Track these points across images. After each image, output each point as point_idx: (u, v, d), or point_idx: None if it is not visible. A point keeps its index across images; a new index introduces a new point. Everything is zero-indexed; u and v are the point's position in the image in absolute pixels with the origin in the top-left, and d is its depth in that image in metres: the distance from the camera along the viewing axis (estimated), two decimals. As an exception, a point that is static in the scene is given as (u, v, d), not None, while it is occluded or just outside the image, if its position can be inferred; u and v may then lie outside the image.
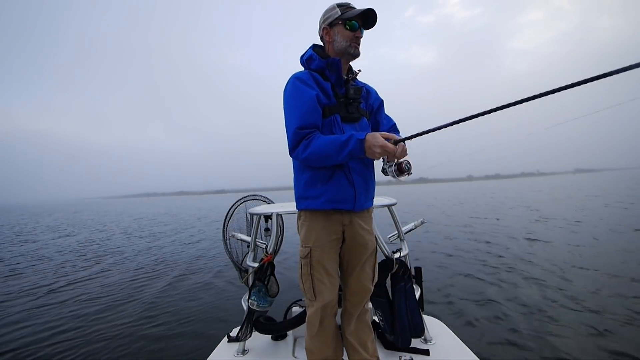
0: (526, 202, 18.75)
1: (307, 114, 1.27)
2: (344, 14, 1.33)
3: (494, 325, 3.10)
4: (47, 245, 10.64)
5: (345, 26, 1.34)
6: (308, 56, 1.41)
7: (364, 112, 1.44)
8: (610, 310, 3.24)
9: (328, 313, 1.40)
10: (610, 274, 4.39)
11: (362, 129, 1.40)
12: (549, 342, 2.72)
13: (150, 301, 4.53)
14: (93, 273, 6.35)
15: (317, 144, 1.23)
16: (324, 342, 1.43)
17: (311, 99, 1.28)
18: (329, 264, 1.38)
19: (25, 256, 8.62)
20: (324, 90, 1.34)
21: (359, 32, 1.36)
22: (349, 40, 1.35)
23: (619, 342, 2.63)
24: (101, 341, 3.30)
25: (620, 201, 15.05)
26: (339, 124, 1.33)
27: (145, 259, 7.60)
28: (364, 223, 1.45)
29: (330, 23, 1.36)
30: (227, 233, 2.29)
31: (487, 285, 4.22)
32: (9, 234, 14.62)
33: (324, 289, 1.37)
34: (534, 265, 5.04)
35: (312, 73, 1.36)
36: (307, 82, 1.32)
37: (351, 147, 1.18)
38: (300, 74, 1.36)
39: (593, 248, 6.08)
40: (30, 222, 22.08)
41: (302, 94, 1.29)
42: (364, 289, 1.47)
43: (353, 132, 1.24)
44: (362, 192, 1.37)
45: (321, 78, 1.36)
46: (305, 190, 1.37)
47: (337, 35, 1.36)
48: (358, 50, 1.37)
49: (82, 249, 9.53)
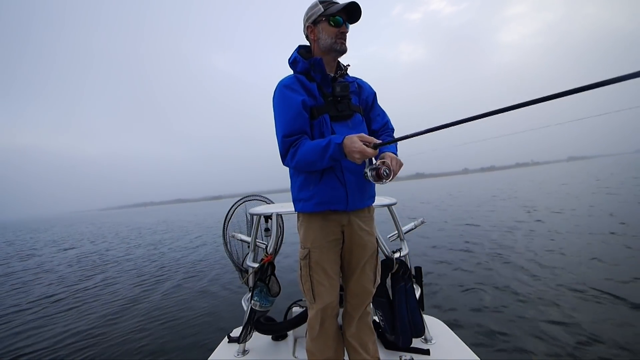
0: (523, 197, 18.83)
1: (292, 121, 1.27)
2: (327, 10, 1.29)
3: (493, 322, 3.10)
4: (51, 259, 10.47)
5: (329, 22, 1.30)
6: (292, 59, 1.39)
7: (356, 108, 1.39)
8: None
9: (328, 315, 1.39)
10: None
11: (354, 126, 1.36)
12: (548, 342, 2.72)
13: (150, 303, 4.51)
14: (96, 282, 6.32)
15: (302, 151, 1.24)
16: (325, 344, 1.42)
17: (296, 104, 1.27)
18: (328, 265, 1.36)
19: (28, 270, 8.55)
20: (310, 91, 1.33)
21: (344, 28, 1.32)
22: (334, 37, 1.31)
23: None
24: (103, 344, 3.28)
25: (608, 187, 15.22)
26: (328, 123, 1.31)
27: (145, 265, 7.58)
28: (364, 224, 1.42)
29: (314, 21, 1.33)
30: (227, 233, 2.29)
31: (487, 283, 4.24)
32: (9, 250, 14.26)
33: (323, 290, 1.35)
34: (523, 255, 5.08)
35: (298, 76, 1.35)
36: (293, 87, 1.31)
37: (331, 152, 1.17)
38: (286, 80, 1.34)
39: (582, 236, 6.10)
40: (28, 238, 21.50)
41: (287, 100, 1.29)
42: (364, 291, 1.45)
43: (331, 136, 1.21)
44: (356, 191, 1.33)
45: (306, 80, 1.34)
46: (299, 193, 1.37)
47: (321, 32, 1.32)
48: (344, 46, 1.34)
49: (84, 258, 9.48)
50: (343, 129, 1.32)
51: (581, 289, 3.80)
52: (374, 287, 1.48)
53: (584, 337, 2.76)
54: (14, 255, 12.10)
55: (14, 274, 7.93)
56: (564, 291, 3.79)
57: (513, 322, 3.15)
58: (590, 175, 23.43)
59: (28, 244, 16.24)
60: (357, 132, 1.30)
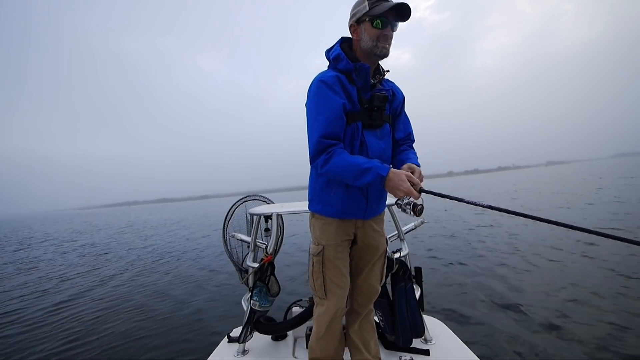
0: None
1: (332, 123, 1.20)
2: (372, 10, 1.18)
3: (493, 322, 3.10)
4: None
5: (372, 24, 1.20)
6: (335, 55, 1.29)
7: (387, 118, 1.35)
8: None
9: (338, 316, 1.40)
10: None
11: (383, 135, 1.34)
12: (549, 342, 2.73)
13: (150, 304, 4.51)
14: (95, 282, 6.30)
15: (336, 162, 1.17)
16: (329, 344, 1.44)
17: (337, 107, 1.21)
18: (342, 262, 1.38)
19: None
20: (349, 95, 1.26)
21: (388, 30, 1.21)
22: (375, 40, 1.21)
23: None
24: (103, 344, 3.28)
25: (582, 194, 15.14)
26: (360, 131, 1.27)
27: (142, 264, 7.58)
28: (376, 225, 1.45)
29: (357, 19, 1.23)
30: (227, 233, 2.29)
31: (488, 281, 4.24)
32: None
33: (335, 288, 1.36)
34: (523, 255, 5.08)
35: (339, 75, 1.26)
36: (333, 88, 1.23)
37: (370, 179, 1.13)
38: (326, 77, 1.24)
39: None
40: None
41: (328, 100, 1.21)
42: (371, 289, 1.48)
43: (375, 162, 1.14)
44: (375, 201, 1.36)
45: (347, 81, 1.26)
46: (321, 194, 1.36)
47: (364, 33, 1.23)
48: (386, 50, 1.24)
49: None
50: (372, 138, 1.30)
51: (585, 292, 3.80)
52: (380, 285, 1.52)
53: (585, 337, 2.77)
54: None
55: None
56: (564, 291, 3.80)
57: (513, 322, 3.15)
58: (588, 181, 23.55)
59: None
60: (385, 142, 1.34)
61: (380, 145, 1.32)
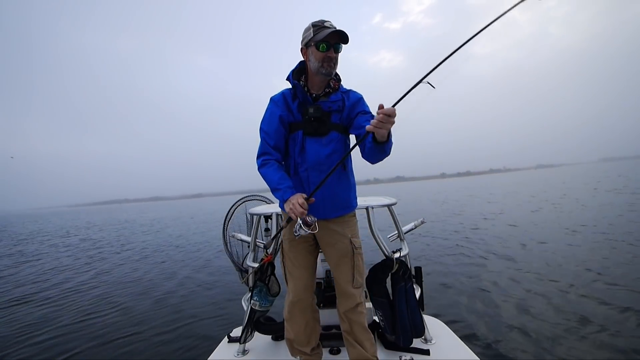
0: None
1: (272, 134, 1.48)
2: (316, 36, 1.37)
3: (493, 322, 3.10)
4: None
5: (317, 47, 1.38)
6: (288, 77, 1.53)
7: (334, 126, 1.48)
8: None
9: (297, 304, 1.59)
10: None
11: (328, 143, 1.47)
12: (549, 342, 2.73)
13: (149, 303, 4.50)
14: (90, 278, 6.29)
15: (264, 172, 1.45)
16: (292, 327, 1.63)
17: (275, 119, 1.47)
18: (295, 256, 1.56)
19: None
20: (290, 108, 1.49)
21: (331, 52, 1.39)
22: (321, 61, 1.39)
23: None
24: (103, 343, 3.28)
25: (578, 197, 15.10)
26: (300, 139, 1.46)
27: (141, 266, 7.57)
28: (335, 226, 1.52)
29: (305, 44, 1.43)
30: (227, 233, 2.29)
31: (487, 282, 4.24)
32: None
33: (291, 277, 1.59)
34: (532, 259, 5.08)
35: (285, 93, 1.51)
36: (277, 103, 1.50)
37: (279, 197, 1.41)
38: (276, 96, 1.53)
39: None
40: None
41: (270, 114, 1.50)
42: (340, 290, 1.58)
43: (286, 187, 1.37)
44: (320, 204, 1.42)
45: (291, 97, 1.50)
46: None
47: (311, 55, 1.42)
48: (330, 70, 1.42)
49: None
50: (314, 145, 1.46)
51: (585, 290, 3.81)
52: (353, 287, 1.55)
53: (586, 336, 2.77)
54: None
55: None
56: (563, 291, 3.80)
57: (514, 322, 3.15)
58: (586, 183, 23.53)
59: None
60: (331, 148, 1.48)
61: (323, 151, 1.46)
